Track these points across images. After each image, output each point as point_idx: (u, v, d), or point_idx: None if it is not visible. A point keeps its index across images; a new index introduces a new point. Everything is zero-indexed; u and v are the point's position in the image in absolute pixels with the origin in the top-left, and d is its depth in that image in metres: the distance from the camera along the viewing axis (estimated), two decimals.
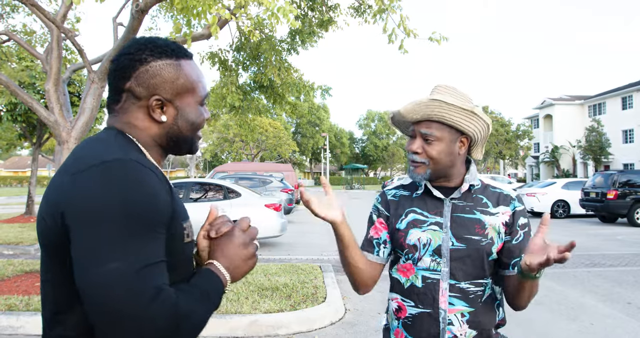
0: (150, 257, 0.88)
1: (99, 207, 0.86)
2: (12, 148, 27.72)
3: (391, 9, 6.54)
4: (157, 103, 1.07)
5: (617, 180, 15.36)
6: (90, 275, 0.84)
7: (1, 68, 10.23)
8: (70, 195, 0.90)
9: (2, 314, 4.69)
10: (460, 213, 1.54)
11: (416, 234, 1.55)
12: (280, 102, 10.04)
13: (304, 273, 6.67)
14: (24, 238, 10.17)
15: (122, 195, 0.88)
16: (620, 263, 8.47)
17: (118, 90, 1.08)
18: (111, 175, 0.90)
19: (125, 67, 1.07)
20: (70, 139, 5.98)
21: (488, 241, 1.51)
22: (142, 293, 0.83)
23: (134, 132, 1.08)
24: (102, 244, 0.85)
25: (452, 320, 1.48)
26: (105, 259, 0.83)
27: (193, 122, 1.13)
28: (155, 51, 1.08)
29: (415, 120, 1.54)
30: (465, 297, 1.49)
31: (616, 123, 37.53)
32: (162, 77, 1.07)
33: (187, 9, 4.59)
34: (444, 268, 1.50)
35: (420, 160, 1.54)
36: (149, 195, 0.92)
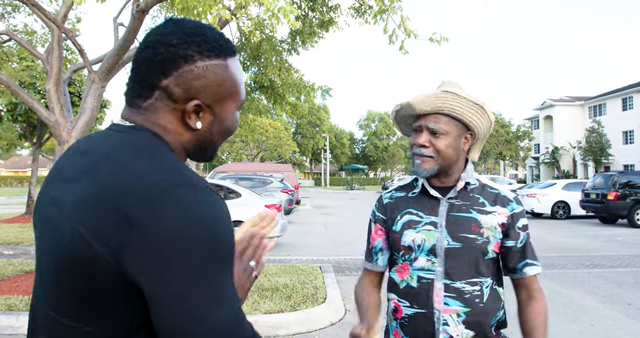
0: (234, 293, 0.80)
1: (182, 245, 0.73)
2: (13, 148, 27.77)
3: (392, 10, 6.54)
4: (195, 108, 0.90)
5: (618, 181, 15.36)
6: (190, 324, 0.73)
7: (2, 68, 10.24)
8: (142, 235, 0.74)
9: (2, 314, 4.69)
10: (457, 212, 1.53)
11: (411, 235, 1.54)
12: (280, 103, 10.05)
13: (304, 274, 6.67)
14: (24, 238, 10.17)
15: (206, 228, 0.76)
16: (620, 264, 8.46)
17: (150, 86, 0.90)
18: (188, 204, 0.76)
19: (166, 62, 0.88)
20: (71, 139, 5.98)
21: (484, 240, 1.50)
22: (247, 334, 0.80)
23: (163, 135, 0.92)
24: (197, 287, 0.73)
25: (447, 321, 1.47)
26: (207, 305, 0.73)
27: (228, 129, 0.99)
28: (204, 48, 0.90)
29: (424, 112, 1.52)
30: (461, 297, 1.48)
31: (616, 124, 37.52)
32: (207, 80, 0.90)
33: (188, 9, 4.59)
34: (438, 267, 1.49)
35: (428, 154, 1.51)
36: (227, 226, 0.80)
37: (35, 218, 0.93)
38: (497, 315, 1.54)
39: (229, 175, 18.42)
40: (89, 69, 6.16)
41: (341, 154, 73.02)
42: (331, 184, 67.34)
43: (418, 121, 1.54)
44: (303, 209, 22.20)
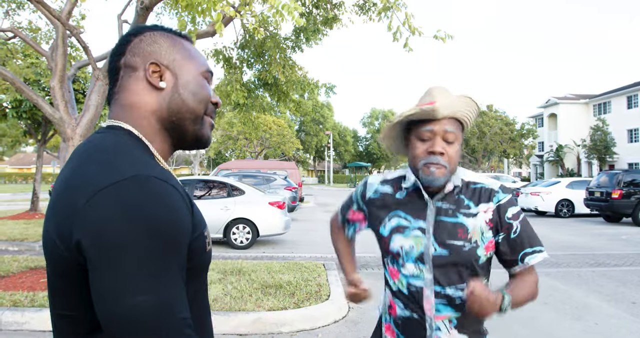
0: (178, 286, 0.81)
1: (121, 234, 0.77)
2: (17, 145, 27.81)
3: (396, 7, 6.52)
4: (154, 67, 0.99)
5: (622, 179, 15.30)
6: (116, 308, 0.76)
7: (7, 65, 10.26)
8: (86, 223, 0.79)
9: (7, 310, 4.71)
10: (444, 216, 1.48)
11: (399, 241, 1.51)
12: (284, 100, 10.04)
13: (307, 271, 6.67)
14: (29, 234, 10.21)
15: (144, 219, 0.79)
16: (624, 263, 8.43)
17: (115, 71, 1.01)
18: (129, 196, 0.80)
19: (120, 45, 1.02)
20: (75, 136, 6.00)
21: (472, 246, 1.45)
22: (172, 327, 0.78)
23: (134, 117, 0.98)
24: (128, 274, 0.76)
25: (440, 326, 1.46)
26: (133, 291, 0.76)
27: (196, 91, 1.03)
28: (152, 26, 1.05)
29: (442, 117, 1.44)
30: (452, 303, 1.46)
31: (621, 122, 37.34)
32: (157, 43, 1.01)
33: (192, 6, 4.59)
34: (427, 275, 1.46)
35: (443, 163, 1.44)
36: (173, 217, 0.82)
37: None
38: None
39: (232, 172, 18.44)
40: (93, 66, 6.17)
41: (345, 152, 72.97)
42: (335, 182, 67.33)
43: (428, 126, 1.45)
44: (306, 207, 22.21)
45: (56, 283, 0.90)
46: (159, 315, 0.77)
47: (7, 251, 8.80)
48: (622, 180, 15.27)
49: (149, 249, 0.78)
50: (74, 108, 6.38)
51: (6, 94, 12.78)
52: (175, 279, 0.81)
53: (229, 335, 4.47)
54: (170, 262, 0.80)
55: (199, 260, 0.96)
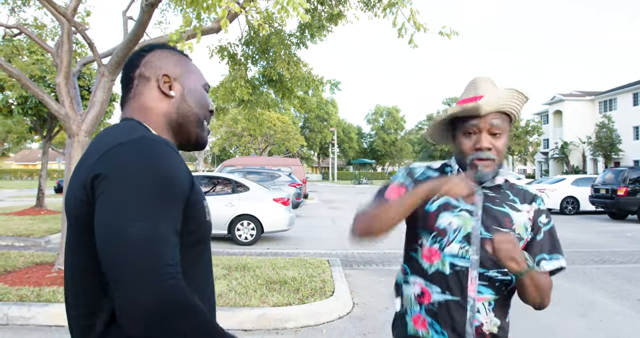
0: (173, 226, 0.92)
1: (128, 173, 0.92)
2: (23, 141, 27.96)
3: (401, 3, 6.50)
4: (165, 78, 1.19)
5: (628, 176, 15.24)
6: (113, 233, 0.87)
7: (13, 61, 10.30)
8: (100, 165, 0.95)
9: (13, 305, 4.74)
10: (491, 204, 1.50)
11: (448, 218, 1.48)
12: (289, 97, 10.04)
13: (312, 267, 6.69)
14: (35, 230, 10.27)
15: (150, 163, 0.94)
16: (630, 260, 8.41)
17: (130, 80, 1.20)
18: (139, 147, 0.96)
19: (134, 59, 1.22)
20: (81, 132, 6.02)
21: (516, 236, 1.46)
22: (161, 260, 0.86)
23: (147, 116, 1.17)
24: (130, 206, 0.88)
25: (479, 308, 1.45)
26: (131, 220, 0.87)
27: (200, 99, 1.25)
28: (160, 45, 1.26)
29: (487, 113, 1.44)
30: (492, 285, 1.46)
31: (627, 119, 37.16)
32: (167, 59, 1.22)
33: (197, 2, 4.59)
34: (473, 256, 1.44)
35: (492, 157, 1.45)
36: (175, 167, 0.97)
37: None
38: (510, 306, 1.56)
39: (237, 168, 18.47)
40: (98, 62, 6.18)
41: (349, 148, 72.91)
42: (339, 178, 67.32)
43: (474, 120, 1.45)
44: (311, 203, 22.23)
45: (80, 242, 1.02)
46: (153, 246, 0.86)
47: (13, 246, 8.86)
48: (627, 178, 15.20)
49: (148, 188, 0.91)
50: (80, 104, 6.40)
51: (12, 90, 12.82)
52: (174, 221, 0.93)
53: (234, 330, 4.49)
54: (170, 204, 0.93)
55: (199, 227, 1.08)
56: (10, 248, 8.41)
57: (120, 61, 5.95)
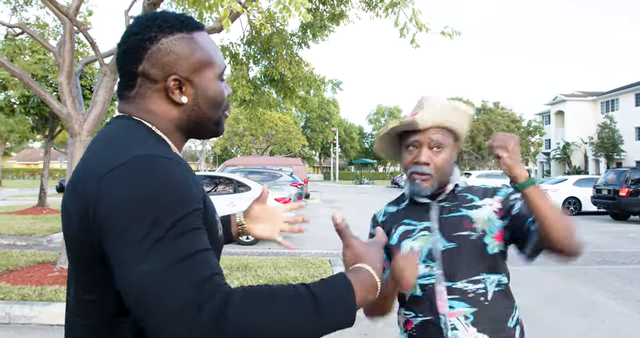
0: (188, 249, 0.79)
1: (127, 207, 0.79)
2: (25, 140, 28.04)
3: (403, 3, 6.50)
4: (175, 84, 0.98)
5: (630, 177, 15.20)
6: (124, 280, 0.77)
7: (15, 61, 10.32)
8: (97, 200, 0.82)
9: (15, 304, 4.75)
10: (447, 213, 1.51)
11: (408, 245, 1.51)
12: (290, 96, 10.04)
13: (313, 267, 6.69)
14: (37, 229, 10.28)
15: (147, 191, 0.80)
16: (632, 261, 8.39)
17: (131, 75, 0.99)
18: (136, 172, 0.83)
19: (135, 49, 0.97)
20: (83, 132, 6.03)
21: (479, 234, 1.45)
22: (177, 292, 0.74)
23: (152, 119, 0.99)
24: (133, 245, 0.77)
25: (455, 324, 1.40)
26: (137, 260, 0.76)
27: (214, 99, 1.04)
28: (164, 26, 0.98)
29: (425, 128, 1.48)
30: (465, 297, 1.41)
31: (629, 119, 37.07)
32: (176, 53, 0.97)
33: (199, 1, 4.59)
34: (437, 271, 1.45)
35: (429, 172, 1.47)
36: (177, 190, 0.83)
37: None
38: (512, 314, 1.46)
39: (238, 168, 18.48)
40: (100, 61, 6.19)
41: (350, 148, 72.92)
42: (340, 178, 67.31)
43: (414, 136, 1.50)
44: (312, 203, 22.22)
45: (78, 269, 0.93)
46: (161, 282, 0.74)
47: (15, 246, 8.87)
48: (629, 178, 15.17)
49: (153, 219, 0.78)
50: (82, 104, 6.41)
51: (14, 89, 12.84)
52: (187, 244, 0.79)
53: None
54: (178, 231, 0.79)
55: (213, 241, 0.96)
56: (12, 248, 8.42)
57: (116, 59, 5.95)
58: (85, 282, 0.92)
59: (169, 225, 0.79)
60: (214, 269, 0.79)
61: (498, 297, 1.44)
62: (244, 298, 0.77)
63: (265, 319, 0.76)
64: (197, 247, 0.80)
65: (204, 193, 0.95)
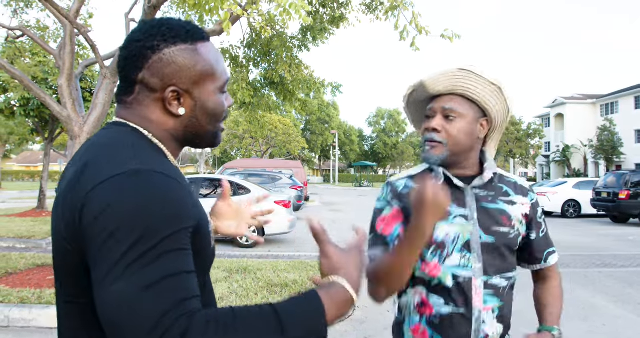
0: (167, 270, 0.77)
1: (114, 219, 0.78)
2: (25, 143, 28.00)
3: (403, 6, 6.52)
4: (173, 95, 0.97)
5: (630, 180, 15.21)
6: (100, 295, 0.77)
7: (15, 63, 10.33)
8: (86, 212, 0.81)
9: (15, 307, 4.74)
10: (485, 202, 1.42)
11: (444, 229, 1.39)
12: (290, 99, 10.05)
13: (313, 270, 6.68)
14: (36, 232, 10.26)
15: (138, 205, 0.79)
16: (631, 264, 8.38)
17: (130, 82, 0.98)
18: (130, 185, 0.81)
19: (136, 56, 0.96)
20: (83, 134, 6.03)
21: (516, 233, 1.44)
22: (145, 315, 0.74)
23: (148, 127, 0.99)
24: (113, 259, 0.76)
25: (485, 319, 1.37)
26: (115, 276, 0.75)
27: (213, 112, 1.03)
28: (168, 36, 0.97)
29: (437, 93, 1.41)
30: (497, 292, 1.40)
31: (629, 122, 37.10)
32: (177, 65, 0.96)
33: (200, 5, 4.60)
34: (475, 264, 1.37)
35: (438, 139, 1.38)
36: (168, 208, 0.82)
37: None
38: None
39: (238, 171, 18.48)
40: (100, 64, 6.20)
41: (350, 151, 72.89)
42: (340, 181, 67.28)
43: (431, 104, 1.44)
44: (312, 206, 22.21)
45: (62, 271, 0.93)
46: (133, 304, 0.74)
47: (15, 248, 8.86)
48: (629, 181, 15.18)
49: (138, 236, 0.77)
50: (82, 106, 6.42)
51: (14, 92, 12.85)
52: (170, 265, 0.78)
53: None
54: (161, 251, 0.78)
55: (204, 258, 0.97)
56: (11, 250, 8.41)
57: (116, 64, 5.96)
58: (72, 288, 0.92)
59: (153, 243, 0.78)
60: (189, 293, 0.79)
61: (510, 290, 1.47)
62: (207, 324, 0.76)
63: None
64: (178, 268, 0.79)
65: (200, 210, 0.94)
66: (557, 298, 1.53)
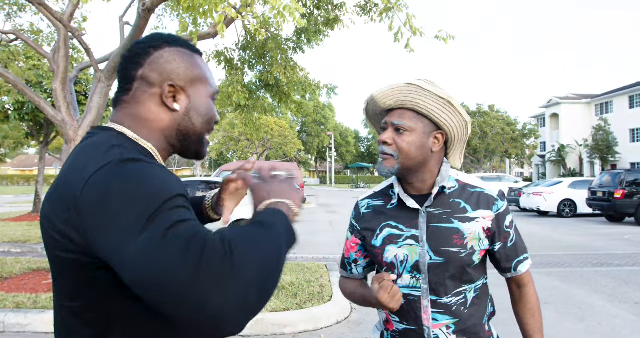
0: (177, 218, 0.80)
1: (113, 200, 0.81)
2: (20, 147, 27.91)
3: (397, 8, 6.53)
4: (170, 89, 1.03)
5: (625, 179, 15.26)
6: (122, 261, 0.77)
7: (9, 67, 10.28)
8: (81, 201, 0.83)
9: (10, 312, 4.72)
10: (437, 223, 1.44)
11: (393, 251, 1.46)
12: (285, 101, 10.04)
13: (309, 272, 6.67)
14: (32, 236, 10.23)
15: (131, 184, 0.83)
16: (627, 263, 8.41)
17: (129, 79, 1.03)
18: (118, 170, 0.84)
19: (139, 54, 1.03)
20: (77, 138, 6.01)
21: (468, 251, 1.42)
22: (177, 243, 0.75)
23: (141, 127, 1.02)
24: (125, 229, 0.78)
25: (438, 335, 1.44)
26: (133, 239, 0.77)
27: (205, 113, 1.09)
28: (171, 39, 1.07)
29: (388, 107, 1.44)
30: (449, 311, 1.44)
31: (623, 122, 37.29)
32: (177, 63, 1.04)
33: (194, 7, 4.59)
34: (423, 285, 1.44)
35: (389, 152, 1.42)
36: (161, 180, 0.86)
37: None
38: (487, 311, 1.52)
39: None
40: (95, 67, 6.18)
41: (346, 152, 72.96)
42: (336, 182, 67.32)
43: (385, 118, 1.47)
44: (308, 207, 22.21)
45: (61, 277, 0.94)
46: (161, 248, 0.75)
47: (10, 253, 8.82)
48: (624, 180, 15.23)
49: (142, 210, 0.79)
50: (76, 110, 6.40)
51: (8, 96, 12.81)
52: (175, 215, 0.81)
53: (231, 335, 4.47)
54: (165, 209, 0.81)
55: None
56: (6, 255, 8.38)
57: (117, 67, 5.95)
58: (68, 291, 0.92)
59: (155, 207, 0.80)
60: (202, 228, 0.82)
61: (475, 302, 1.48)
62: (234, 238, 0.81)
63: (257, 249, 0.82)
64: (187, 217, 0.82)
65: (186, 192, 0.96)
66: (535, 313, 1.53)
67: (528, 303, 1.54)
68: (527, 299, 1.54)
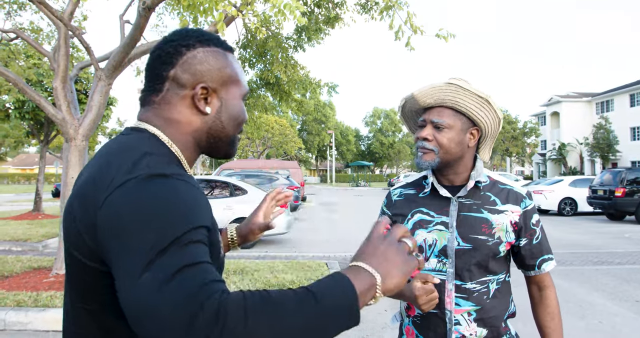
0: (190, 259, 0.76)
1: (134, 219, 0.78)
2: (20, 145, 27.95)
3: (398, 6, 6.52)
4: (202, 92, 0.99)
5: (625, 177, 15.25)
6: (124, 291, 0.75)
7: (9, 66, 10.28)
8: (106, 210, 0.81)
9: (11, 310, 4.72)
10: (467, 212, 1.51)
11: (422, 235, 1.53)
12: (286, 100, 10.05)
13: (310, 270, 6.68)
14: (32, 235, 10.23)
15: (156, 204, 0.80)
16: (628, 261, 8.41)
17: (160, 79, 0.99)
18: (147, 186, 0.82)
19: (170, 54, 0.99)
20: (78, 136, 6.00)
21: (495, 241, 1.48)
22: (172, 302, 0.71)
23: (172, 130, 0.99)
24: (136, 256, 0.75)
25: (459, 320, 1.48)
26: (138, 272, 0.73)
27: (237, 116, 1.06)
28: (203, 38, 1.02)
29: (427, 105, 1.51)
30: (471, 297, 1.49)
31: (624, 120, 37.27)
32: (209, 63, 1.00)
33: (194, 6, 4.59)
34: (449, 269, 1.49)
35: (429, 147, 1.49)
36: (187, 204, 0.82)
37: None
38: (509, 309, 1.56)
39: (235, 172, 18.45)
40: (95, 66, 6.18)
41: (347, 151, 73.00)
42: (337, 181, 67.32)
43: (423, 115, 1.53)
44: (309, 206, 22.21)
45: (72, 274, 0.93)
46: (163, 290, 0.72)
47: (11, 251, 8.82)
48: (625, 178, 15.22)
49: (158, 234, 0.77)
50: (77, 108, 6.39)
51: (9, 94, 12.80)
52: (189, 255, 0.76)
53: None
54: (181, 244, 0.77)
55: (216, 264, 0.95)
56: (7, 253, 8.38)
57: (117, 65, 5.95)
58: (83, 292, 0.91)
59: (171, 239, 0.76)
60: (214, 276, 0.76)
61: (497, 295, 1.52)
62: (244, 300, 0.74)
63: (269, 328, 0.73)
64: (199, 258, 0.77)
65: (212, 217, 0.93)
66: (555, 317, 1.59)
67: (549, 306, 1.59)
68: (547, 302, 1.59)
